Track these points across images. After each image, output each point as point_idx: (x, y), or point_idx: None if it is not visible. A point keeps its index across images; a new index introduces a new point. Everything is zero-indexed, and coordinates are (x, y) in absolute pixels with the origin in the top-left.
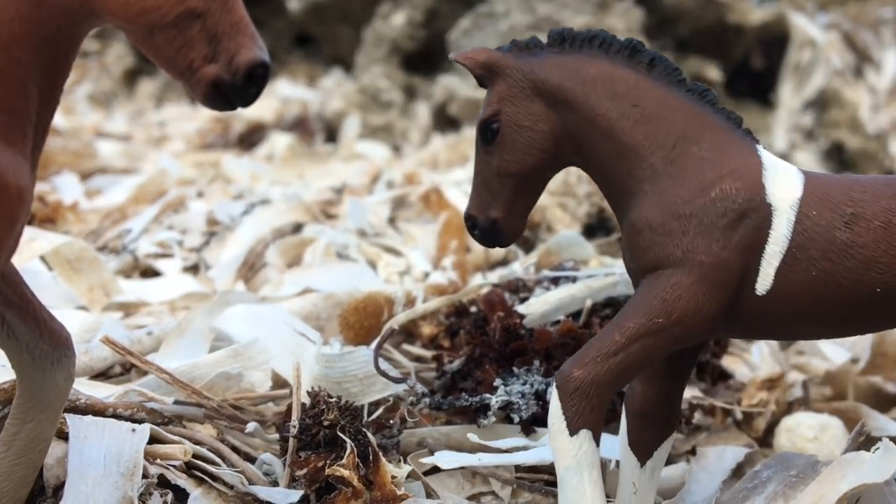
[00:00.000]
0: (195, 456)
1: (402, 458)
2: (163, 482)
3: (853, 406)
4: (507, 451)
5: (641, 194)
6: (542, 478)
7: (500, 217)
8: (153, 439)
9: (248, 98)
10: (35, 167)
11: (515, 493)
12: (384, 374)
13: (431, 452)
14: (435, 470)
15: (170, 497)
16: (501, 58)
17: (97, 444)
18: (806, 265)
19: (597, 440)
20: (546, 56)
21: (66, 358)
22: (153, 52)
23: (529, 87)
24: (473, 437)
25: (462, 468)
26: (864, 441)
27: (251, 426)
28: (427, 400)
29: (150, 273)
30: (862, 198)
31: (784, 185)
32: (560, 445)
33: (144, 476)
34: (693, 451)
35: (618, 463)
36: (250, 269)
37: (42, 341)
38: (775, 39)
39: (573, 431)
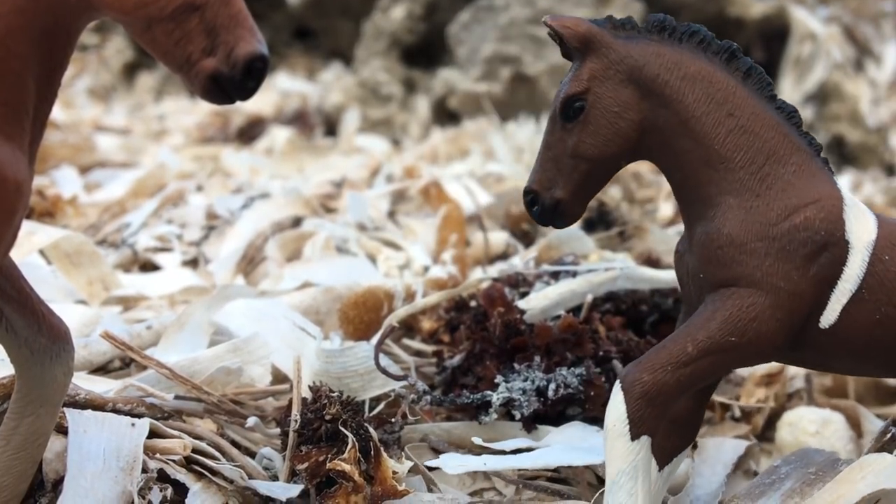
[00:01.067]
0: (195, 450)
1: (402, 453)
2: (162, 477)
3: (851, 405)
4: (511, 452)
5: (724, 206)
6: (545, 475)
7: (566, 198)
8: (153, 434)
9: (247, 91)
10: (33, 161)
11: (519, 491)
12: (385, 372)
13: (434, 449)
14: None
15: (169, 491)
16: (601, 33)
17: (96, 439)
18: (872, 307)
19: (653, 447)
20: (645, 42)
21: (65, 352)
22: (151, 45)
23: (625, 71)
24: (477, 440)
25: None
26: (890, 440)
27: (251, 421)
28: (428, 398)
29: (149, 267)
30: None
31: (862, 224)
32: (618, 448)
33: (144, 470)
34: (695, 446)
35: None
36: (250, 262)
37: (41, 335)
38: (776, 32)
39: (635, 436)
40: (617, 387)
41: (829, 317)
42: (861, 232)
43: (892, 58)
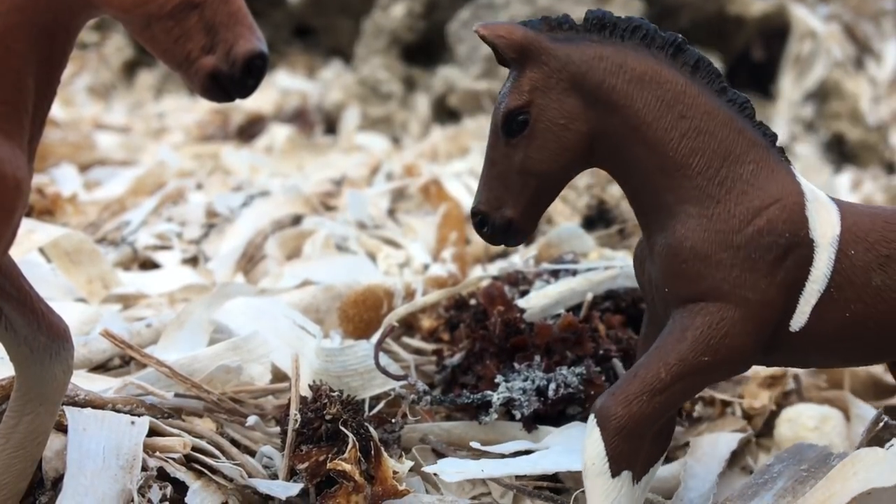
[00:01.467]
0: (194, 449)
1: (403, 452)
2: (162, 475)
3: (842, 395)
4: (510, 455)
5: (683, 215)
6: (543, 485)
7: (517, 217)
8: (152, 432)
9: (247, 89)
10: (32, 159)
11: (517, 499)
12: (385, 372)
13: (434, 450)
14: None
15: (169, 490)
16: (538, 40)
17: (96, 437)
18: (841, 305)
19: (634, 480)
20: (585, 44)
21: (65, 350)
22: (151, 43)
23: (567, 78)
24: (476, 445)
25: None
26: (883, 429)
27: (251, 420)
28: (428, 398)
29: (149, 265)
30: None
31: (825, 219)
32: (600, 487)
33: (144, 469)
34: (687, 444)
35: None
36: (249, 261)
37: (40, 334)
38: (776, 31)
39: (615, 473)
40: (592, 422)
41: (798, 319)
42: (825, 227)
43: (893, 56)
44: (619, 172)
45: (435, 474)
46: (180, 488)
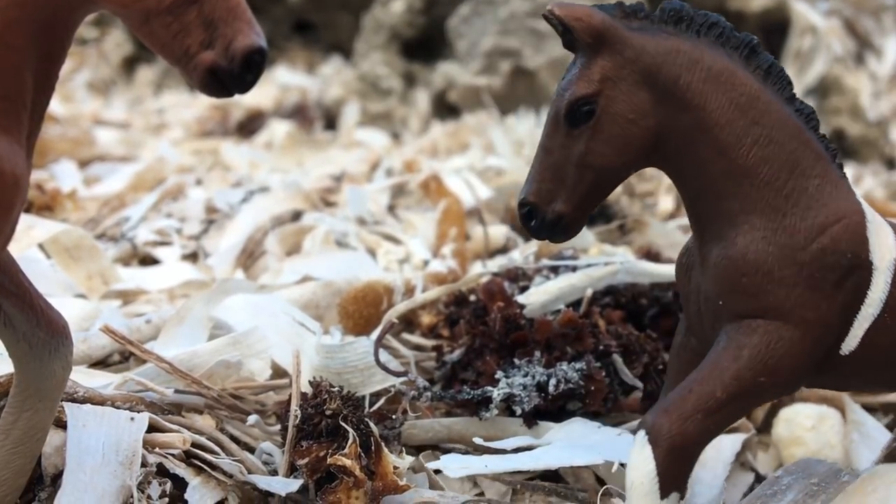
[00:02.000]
0: (194, 445)
1: (403, 448)
2: (161, 471)
3: (838, 395)
4: (513, 451)
5: (746, 226)
6: (544, 485)
7: (569, 212)
8: (152, 428)
9: (246, 84)
10: (31, 154)
11: (518, 493)
12: (385, 368)
13: (435, 447)
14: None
15: (168, 486)
16: (616, 27)
17: (95, 433)
18: (893, 331)
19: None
20: (661, 36)
21: (64, 346)
22: (149, 38)
23: (641, 71)
24: (479, 441)
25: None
26: None
27: (252, 419)
28: (429, 394)
29: (148, 261)
30: None
31: (883, 241)
32: None
33: (143, 465)
34: None
35: (623, 464)
36: (249, 256)
37: (39, 330)
38: (776, 26)
39: (665, 494)
40: (642, 438)
41: (850, 343)
42: (883, 250)
43: (893, 51)
44: (680, 174)
45: (437, 470)
46: (180, 484)
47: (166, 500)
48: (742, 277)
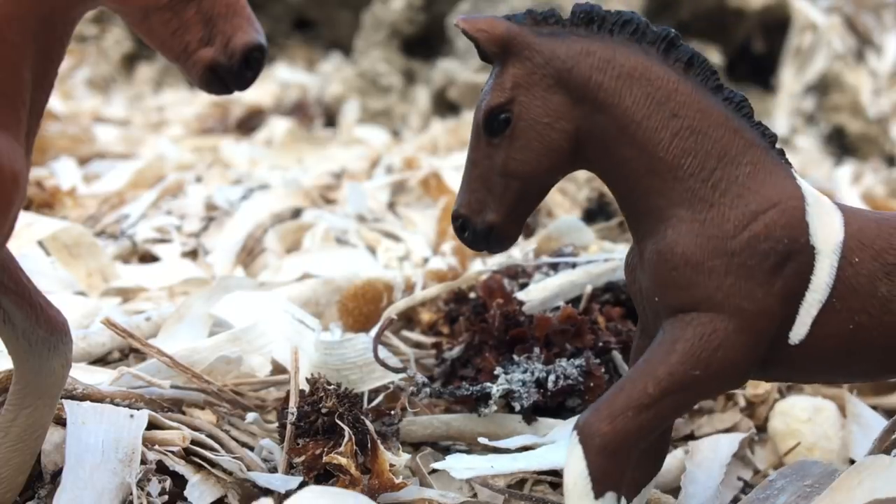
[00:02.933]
0: (194, 442)
1: (400, 446)
2: (161, 468)
3: (839, 392)
4: (515, 450)
5: (674, 219)
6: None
7: (499, 221)
8: (151, 425)
9: (245, 81)
10: (30, 151)
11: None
12: (384, 364)
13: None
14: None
15: (168, 483)
16: (521, 34)
17: (95, 430)
18: (844, 316)
19: (618, 501)
20: (571, 39)
21: (63, 344)
22: (149, 34)
23: (552, 75)
24: (483, 440)
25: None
26: None
27: (251, 416)
28: (427, 390)
29: (148, 258)
30: None
31: (827, 224)
32: None
33: (143, 462)
34: (692, 435)
35: None
36: (249, 254)
37: (38, 327)
38: (776, 23)
39: (599, 494)
40: (574, 439)
41: (798, 331)
42: (827, 233)
43: (893, 48)
44: (606, 175)
45: (433, 470)
46: (179, 482)
47: (166, 497)
48: (672, 271)
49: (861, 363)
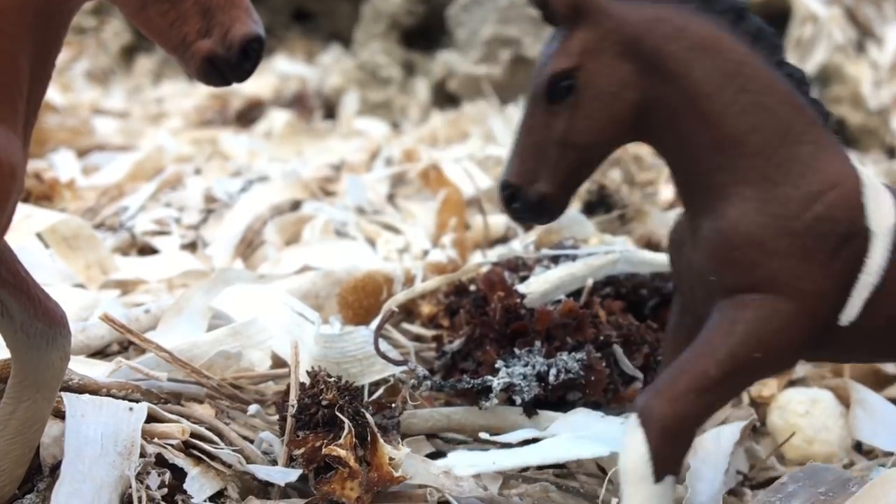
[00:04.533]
0: (193, 435)
1: (401, 439)
2: (160, 461)
3: (842, 383)
4: (517, 444)
5: (737, 198)
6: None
7: (552, 192)
8: (151, 418)
9: (243, 73)
10: (27, 143)
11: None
12: (384, 357)
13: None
14: (435, 455)
15: (167, 476)
16: None
17: (94, 423)
18: (894, 299)
19: (674, 486)
20: (643, 4)
21: (62, 337)
22: (146, 26)
23: (622, 41)
24: (485, 435)
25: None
26: None
27: (253, 408)
28: (428, 383)
29: (147, 251)
30: None
31: (882, 206)
32: (641, 493)
33: (142, 455)
34: None
35: None
36: (248, 246)
37: (37, 320)
38: (777, 14)
39: (659, 478)
40: (634, 421)
41: (849, 313)
42: (882, 216)
43: (894, 40)
44: (667, 148)
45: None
46: (179, 474)
47: (165, 490)
48: (734, 251)
49: None
